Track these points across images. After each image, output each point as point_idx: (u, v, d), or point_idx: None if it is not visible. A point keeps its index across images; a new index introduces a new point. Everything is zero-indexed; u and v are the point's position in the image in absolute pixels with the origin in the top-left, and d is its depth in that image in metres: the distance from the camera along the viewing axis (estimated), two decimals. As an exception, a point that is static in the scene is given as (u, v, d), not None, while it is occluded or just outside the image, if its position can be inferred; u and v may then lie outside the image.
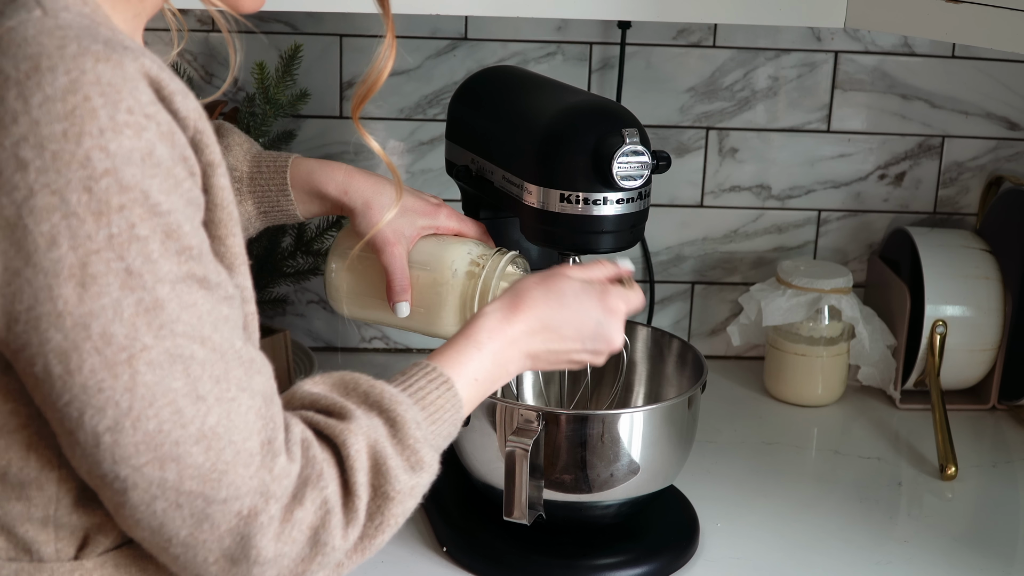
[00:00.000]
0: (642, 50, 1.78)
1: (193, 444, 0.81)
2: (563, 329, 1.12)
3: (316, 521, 0.87)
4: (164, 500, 0.82)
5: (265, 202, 1.30)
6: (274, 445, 0.85)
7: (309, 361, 1.77)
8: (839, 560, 1.40)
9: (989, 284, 1.72)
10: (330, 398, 0.94)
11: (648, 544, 1.38)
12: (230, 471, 0.83)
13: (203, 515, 0.83)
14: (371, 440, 0.91)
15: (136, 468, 0.81)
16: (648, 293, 1.87)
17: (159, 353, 0.80)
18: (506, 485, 1.25)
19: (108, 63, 0.78)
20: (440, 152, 1.78)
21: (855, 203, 1.86)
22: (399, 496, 0.92)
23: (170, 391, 0.80)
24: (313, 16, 1.75)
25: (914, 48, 1.80)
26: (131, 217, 0.78)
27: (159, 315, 0.80)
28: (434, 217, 1.31)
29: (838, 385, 1.76)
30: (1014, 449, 1.67)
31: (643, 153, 1.23)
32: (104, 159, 0.77)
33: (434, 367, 1.02)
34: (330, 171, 1.30)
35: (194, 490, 0.82)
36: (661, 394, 1.49)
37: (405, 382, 1.00)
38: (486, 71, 1.46)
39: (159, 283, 0.79)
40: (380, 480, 0.91)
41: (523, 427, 1.27)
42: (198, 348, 0.81)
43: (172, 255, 0.80)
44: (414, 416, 0.95)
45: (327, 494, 0.88)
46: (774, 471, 1.58)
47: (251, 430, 0.84)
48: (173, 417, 0.80)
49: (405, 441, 0.93)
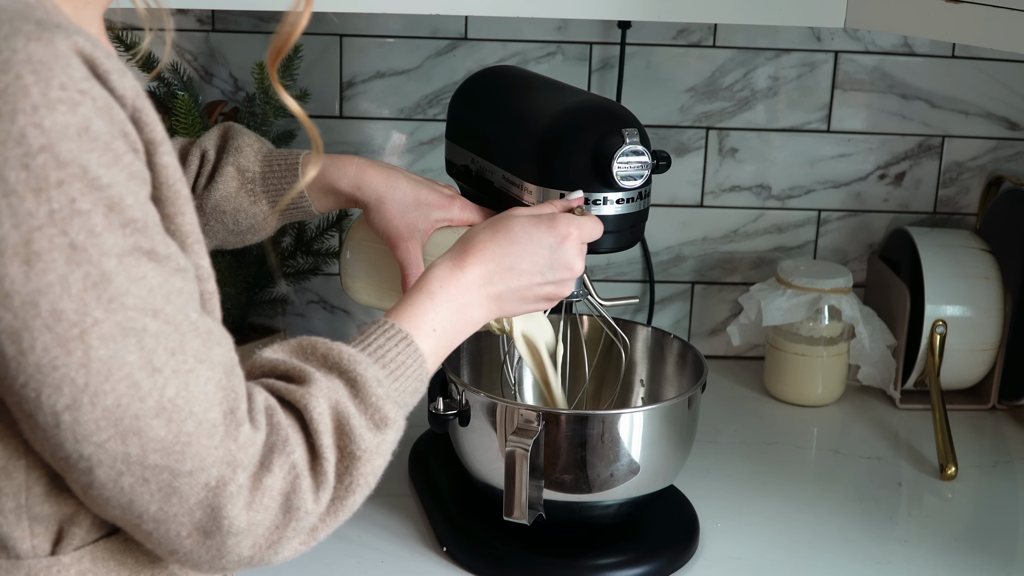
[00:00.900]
0: (642, 50, 1.78)
1: (153, 417, 0.81)
2: (518, 264, 1.13)
3: (286, 487, 0.87)
4: (130, 475, 0.82)
5: (279, 199, 1.31)
6: (237, 415, 0.85)
7: (309, 361, 1.77)
8: (839, 560, 1.40)
9: (989, 284, 1.72)
10: (290, 363, 0.95)
11: (648, 544, 1.38)
12: (193, 442, 0.83)
13: (171, 488, 0.83)
14: (333, 401, 0.92)
15: (99, 445, 0.81)
16: (648, 293, 1.87)
17: (111, 327, 0.79)
18: (506, 485, 1.25)
19: (39, 42, 0.78)
20: (440, 152, 1.78)
21: (855, 203, 1.86)
22: (365, 455, 0.92)
23: (125, 364, 0.80)
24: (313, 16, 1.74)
25: (914, 48, 1.80)
26: (71, 192, 0.78)
27: (108, 288, 0.79)
28: (448, 209, 1.31)
29: (838, 385, 1.77)
30: (1014, 449, 1.67)
31: (643, 153, 1.23)
32: (39, 135, 0.77)
33: (391, 323, 1.03)
34: (342, 167, 1.30)
35: (159, 463, 0.82)
36: (661, 394, 1.49)
37: (363, 341, 1.00)
38: (486, 71, 1.46)
39: (105, 256, 0.79)
40: (345, 440, 0.91)
41: (523, 427, 1.27)
42: (150, 320, 0.81)
43: (116, 228, 0.80)
44: (374, 374, 0.96)
45: (294, 459, 0.88)
46: (774, 471, 1.58)
47: (212, 401, 0.84)
48: (130, 391, 0.80)
49: (367, 400, 0.94)
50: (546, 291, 1.16)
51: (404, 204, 1.29)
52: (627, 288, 1.88)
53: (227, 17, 1.75)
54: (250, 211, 1.31)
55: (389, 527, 1.42)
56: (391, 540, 1.40)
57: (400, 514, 1.45)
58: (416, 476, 1.50)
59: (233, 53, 1.76)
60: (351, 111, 1.79)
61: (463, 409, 1.33)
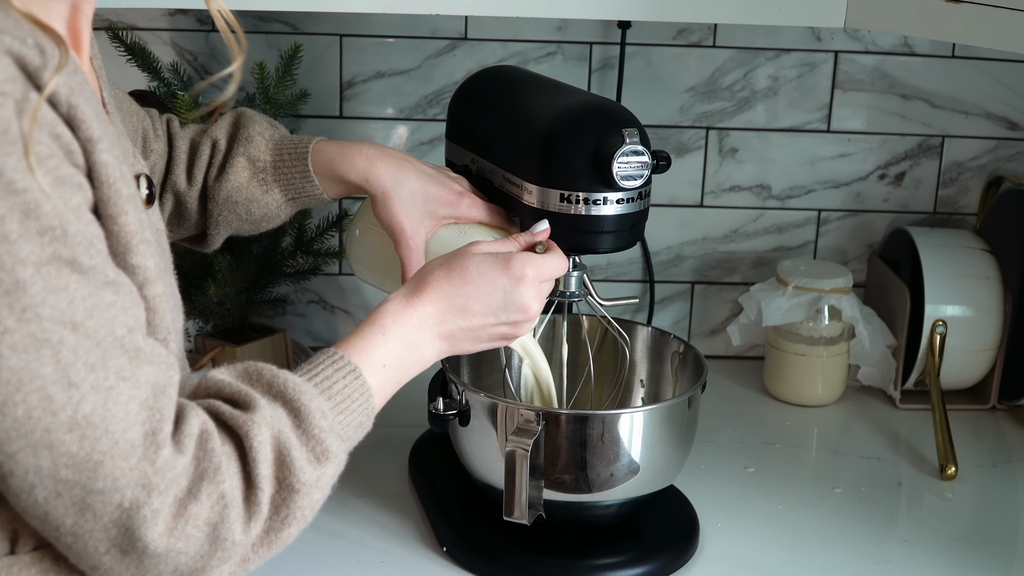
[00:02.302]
0: (642, 50, 1.78)
1: (66, 432, 0.80)
2: (471, 305, 1.11)
3: (213, 516, 0.86)
4: (43, 488, 0.81)
5: (291, 189, 1.30)
6: (158, 437, 0.83)
7: (309, 361, 1.77)
8: (839, 560, 1.39)
9: (989, 284, 1.72)
10: (235, 386, 0.93)
11: (648, 544, 1.38)
12: (106, 461, 0.81)
13: (84, 504, 0.82)
14: (275, 431, 0.90)
15: (10, 455, 0.80)
16: (648, 293, 1.87)
17: (23, 337, 0.78)
18: (506, 485, 1.25)
19: None
20: (440, 152, 1.78)
21: (855, 203, 1.86)
22: (304, 488, 0.90)
23: (38, 376, 0.79)
24: (313, 16, 1.75)
25: (914, 48, 1.80)
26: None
27: (21, 298, 0.78)
28: (456, 207, 1.30)
29: (838, 385, 1.76)
30: (1014, 449, 1.67)
31: (643, 153, 1.23)
32: None
33: (340, 355, 1.01)
34: (351, 157, 1.28)
35: (70, 479, 0.81)
36: (661, 394, 1.49)
37: (311, 371, 0.98)
38: (486, 71, 1.46)
39: (19, 265, 0.77)
40: (284, 472, 0.90)
41: (523, 427, 1.27)
42: (68, 333, 0.79)
43: (33, 235, 0.78)
44: (319, 406, 0.94)
45: (224, 488, 0.86)
46: (774, 471, 1.58)
47: (132, 421, 0.82)
48: (43, 403, 0.79)
49: (310, 431, 0.92)
50: (500, 331, 1.13)
51: (411, 200, 1.28)
52: (627, 288, 1.87)
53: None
54: (262, 200, 1.30)
55: (389, 527, 1.42)
56: (391, 540, 1.39)
57: (400, 514, 1.45)
58: (416, 476, 1.50)
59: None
60: (351, 111, 1.79)
61: (463, 409, 1.33)
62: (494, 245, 1.16)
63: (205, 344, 1.68)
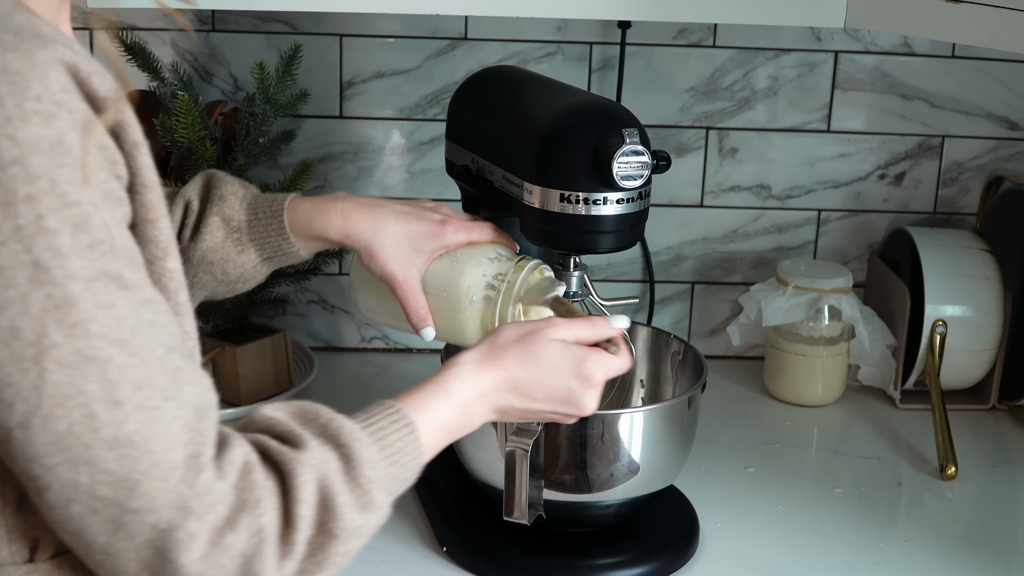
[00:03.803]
0: (642, 50, 1.78)
1: (106, 449, 0.79)
2: (534, 392, 1.09)
3: (248, 549, 0.85)
4: (79, 504, 0.81)
5: (267, 248, 1.27)
6: (200, 460, 0.83)
7: (309, 361, 1.77)
8: (839, 560, 1.40)
9: (989, 284, 1.72)
10: (287, 425, 0.92)
11: (648, 544, 1.38)
12: (145, 481, 0.81)
13: (119, 523, 0.81)
14: (322, 474, 0.89)
15: (48, 468, 0.80)
16: (648, 293, 1.87)
17: (70, 352, 0.78)
18: (506, 485, 1.25)
19: (16, 52, 0.77)
20: (440, 152, 1.78)
21: (855, 203, 1.86)
22: (344, 535, 0.90)
23: (82, 393, 0.78)
24: (313, 16, 1.75)
25: (914, 48, 1.80)
26: (39, 208, 0.76)
27: (71, 313, 0.78)
28: (440, 237, 1.27)
29: (838, 385, 1.76)
30: (1014, 449, 1.67)
31: (643, 153, 1.23)
32: (11, 148, 0.76)
33: (398, 408, 0.99)
34: (327, 216, 1.26)
35: (107, 496, 0.80)
36: (661, 394, 1.50)
37: (367, 420, 0.97)
38: (486, 71, 1.46)
39: (70, 279, 0.78)
40: (326, 516, 0.89)
41: (523, 427, 1.27)
42: (116, 351, 0.79)
43: (84, 249, 0.78)
44: (371, 455, 0.93)
45: (262, 522, 0.85)
46: (774, 471, 1.58)
47: (174, 442, 0.82)
48: (85, 420, 0.79)
49: (357, 480, 0.91)
50: (550, 418, 1.13)
51: (395, 245, 1.26)
52: (627, 288, 1.87)
53: (227, 17, 1.75)
54: (238, 260, 1.27)
55: (389, 527, 1.41)
56: (391, 540, 1.39)
57: (400, 514, 1.44)
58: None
59: (233, 53, 1.76)
60: (351, 111, 1.79)
61: (463, 409, 1.33)
62: (569, 328, 1.13)
63: (205, 344, 1.68)
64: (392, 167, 1.81)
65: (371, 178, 1.81)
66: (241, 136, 1.65)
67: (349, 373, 1.81)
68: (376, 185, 1.82)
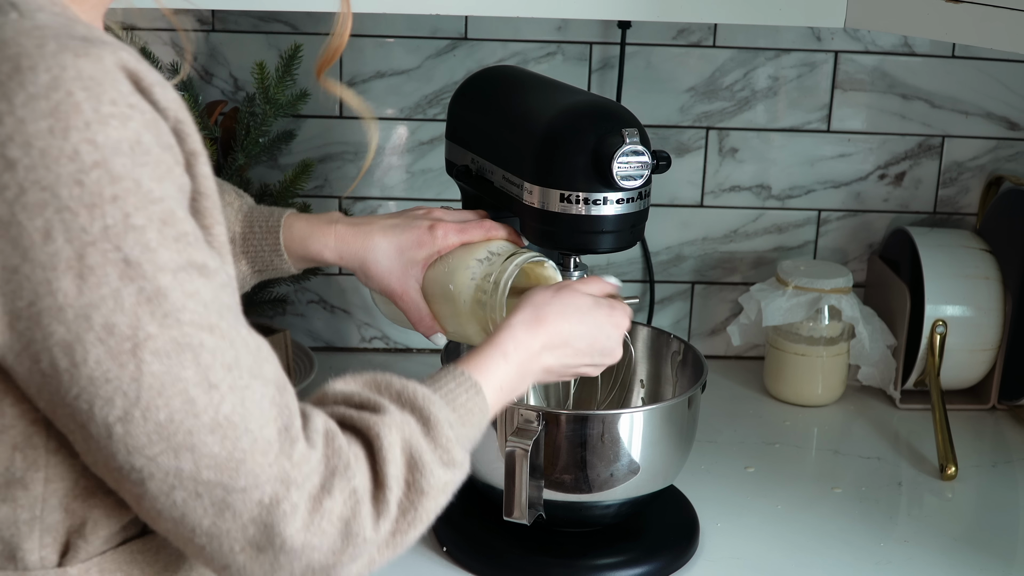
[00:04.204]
0: (642, 50, 1.78)
1: (208, 433, 0.82)
2: (579, 343, 1.15)
3: (346, 512, 0.87)
4: (183, 490, 0.82)
5: (259, 262, 1.29)
6: (291, 432, 0.85)
7: (309, 361, 1.77)
8: (839, 560, 1.40)
9: (989, 284, 1.72)
10: (363, 394, 0.95)
11: (648, 544, 1.38)
12: (248, 459, 0.83)
13: (224, 504, 0.83)
14: (405, 435, 0.92)
15: (151, 458, 0.81)
16: (648, 293, 1.87)
17: (165, 342, 0.80)
18: (506, 485, 1.25)
19: (88, 58, 0.79)
20: (440, 152, 1.78)
21: (855, 203, 1.86)
22: (433, 491, 0.93)
23: (180, 380, 0.80)
24: (313, 16, 1.75)
25: (914, 48, 1.80)
26: (125, 207, 0.78)
27: (163, 304, 0.80)
28: (431, 244, 1.28)
29: (838, 385, 1.77)
30: (1014, 449, 1.67)
31: (643, 153, 1.23)
32: (92, 151, 0.78)
33: (463, 371, 1.04)
34: (322, 237, 1.28)
35: (212, 479, 0.82)
36: (661, 394, 1.49)
37: (435, 384, 1.01)
38: (486, 71, 1.46)
39: (160, 272, 0.80)
40: (415, 475, 0.92)
41: (523, 427, 1.27)
42: (207, 336, 0.82)
43: (170, 242, 0.80)
44: (447, 416, 0.96)
45: (355, 484, 0.88)
46: (774, 471, 1.58)
47: (267, 417, 0.84)
48: (185, 407, 0.81)
49: (438, 440, 0.94)
50: (582, 370, 1.18)
51: (387, 261, 1.27)
52: (627, 288, 1.87)
53: (227, 17, 1.75)
54: None
55: (389, 527, 1.42)
56: (391, 540, 1.39)
57: (400, 514, 1.44)
58: (416, 476, 1.50)
59: (233, 53, 1.76)
60: (351, 111, 1.79)
61: (463, 409, 1.33)
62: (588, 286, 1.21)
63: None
64: (392, 167, 1.81)
65: (371, 178, 1.81)
66: (241, 136, 1.65)
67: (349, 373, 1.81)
68: (376, 185, 1.82)
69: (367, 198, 1.82)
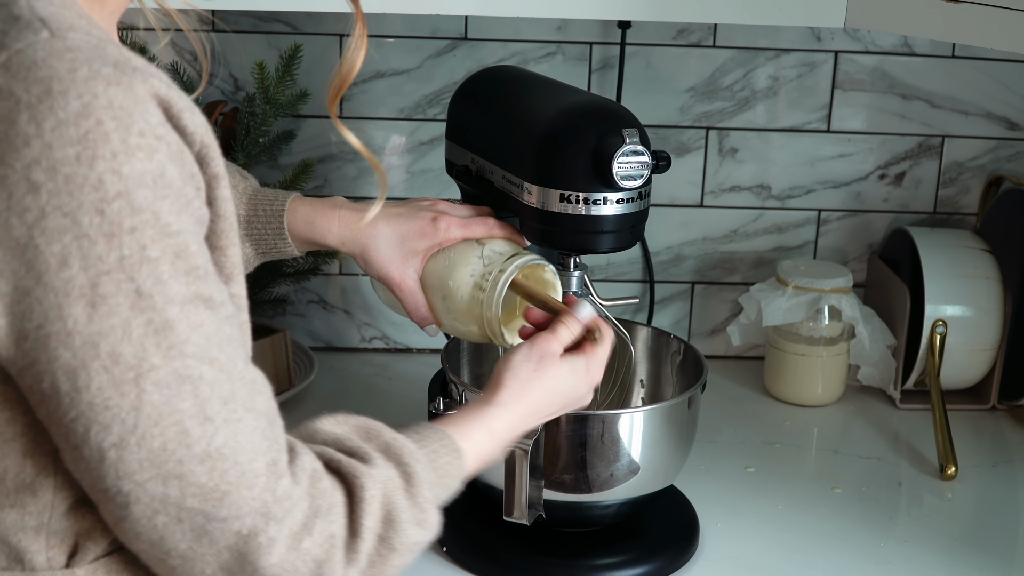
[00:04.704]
0: (642, 50, 1.78)
1: (198, 463, 0.82)
2: (555, 406, 1.18)
3: (321, 554, 0.87)
4: (165, 515, 0.83)
5: (263, 244, 1.30)
6: (278, 467, 0.86)
7: (309, 361, 1.77)
8: (839, 560, 1.40)
9: (989, 284, 1.72)
10: (353, 441, 0.95)
11: (648, 544, 1.38)
12: (233, 491, 0.83)
13: (203, 531, 0.84)
14: (387, 490, 0.92)
15: (139, 484, 0.82)
16: (648, 293, 1.87)
17: (167, 373, 0.81)
18: (506, 485, 1.25)
19: (119, 86, 0.79)
20: (440, 152, 1.78)
21: (855, 203, 1.86)
22: (403, 548, 0.92)
23: (177, 411, 0.81)
24: (313, 16, 1.75)
25: (914, 48, 1.80)
26: (142, 239, 0.79)
27: (168, 336, 0.81)
28: (433, 236, 1.28)
29: (838, 385, 1.76)
30: (1014, 449, 1.67)
31: (643, 153, 1.23)
32: (117, 182, 0.78)
33: (448, 435, 1.04)
34: (326, 222, 1.29)
35: (195, 507, 0.83)
36: (661, 394, 1.49)
37: (421, 441, 1.01)
38: (486, 71, 1.46)
39: (169, 304, 0.80)
40: (389, 531, 0.92)
41: (523, 427, 1.27)
42: (207, 369, 0.82)
43: (181, 275, 0.81)
44: (428, 476, 0.97)
45: (334, 529, 0.88)
46: (774, 471, 1.58)
47: (257, 451, 0.85)
48: (179, 437, 0.81)
49: (416, 498, 0.95)
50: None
51: (388, 248, 1.28)
52: (627, 288, 1.87)
53: (227, 17, 1.75)
54: None
55: (389, 527, 1.42)
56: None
57: (400, 514, 1.44)
58: (416, 476, 1.50)
59: (233, 53, 1.76)
60: (351, 111, 1.79)
61: (463, 409, 1.33)
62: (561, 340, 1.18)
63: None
64: (392, 167, 1.81)
65: (371, 178, 1.81)
66: (241, 136, 1.65)
67: (349, 373, 1.82)
68: (376, 185, 1.82)
69: (367, 198, 1.82)
